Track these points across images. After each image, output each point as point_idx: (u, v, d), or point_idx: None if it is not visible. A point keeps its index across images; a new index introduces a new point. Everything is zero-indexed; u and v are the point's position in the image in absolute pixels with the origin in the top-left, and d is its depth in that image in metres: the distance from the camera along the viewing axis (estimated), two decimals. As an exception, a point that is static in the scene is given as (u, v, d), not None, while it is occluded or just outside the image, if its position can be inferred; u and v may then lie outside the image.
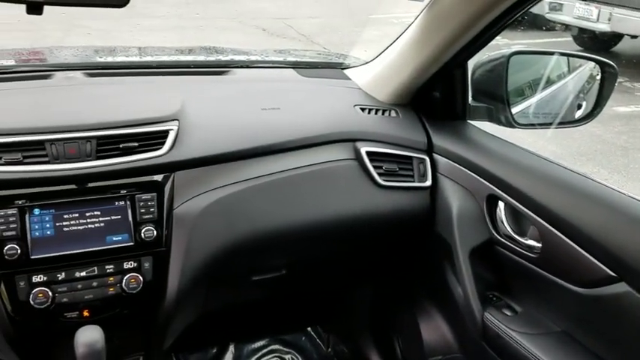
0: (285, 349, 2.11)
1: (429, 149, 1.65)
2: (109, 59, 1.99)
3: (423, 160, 1.63)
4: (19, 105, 1.45)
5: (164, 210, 1.38)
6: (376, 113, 1.69)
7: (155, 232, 1.36)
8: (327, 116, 1.63)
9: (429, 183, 1.62)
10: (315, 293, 2.05)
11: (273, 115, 1.58)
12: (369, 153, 1.58)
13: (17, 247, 1.26)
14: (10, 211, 1.27)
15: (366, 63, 1.83)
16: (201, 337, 1.91)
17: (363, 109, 1.68)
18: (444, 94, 1.68)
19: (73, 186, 1.33)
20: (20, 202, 1.28)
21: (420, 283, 1.82)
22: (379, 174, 1.58)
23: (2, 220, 1.26)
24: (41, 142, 1.30)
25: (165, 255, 1.39)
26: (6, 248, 1.25)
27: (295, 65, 1.89)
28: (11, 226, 1.26)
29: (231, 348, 2.07)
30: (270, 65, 1.94)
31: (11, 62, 1.84)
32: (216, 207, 1.42)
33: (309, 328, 2.17)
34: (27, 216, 1.28)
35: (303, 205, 1.52)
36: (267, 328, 2.11)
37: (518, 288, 1.50)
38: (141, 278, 1.36)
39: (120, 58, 2.03)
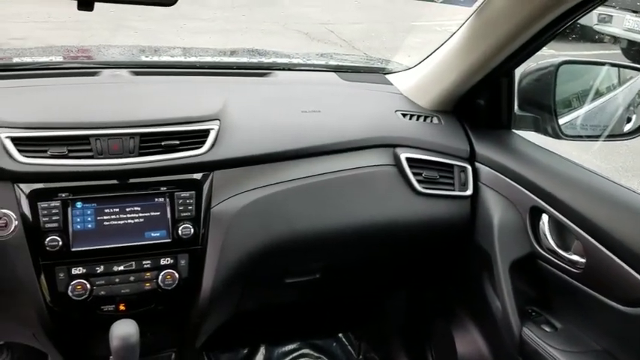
0: (315, 353, 2.10)
1: (471, 158, 1.62)
2: (155, 59, 2.03)
3: (464, 169, 1.60)
4: (67, 100, 1.48)
5: (202, 208, 1.39)
6: (418, 119, 1.67)
7: (192, 230, 1.37)
8: (368, 120, 1.62)
9: (469, 192, 1.59)
10: (348, 298, 2.04)
11: (313, 118, 1.57)
12: (408, 159, 1.56)
13: (59, 238, 1.29)
14: (54, 204, 1.30)
15: (409, 68, 1.81)
16: (233, 337, 1.92)
17: (404, 115, 1.66)
18: (488, 102, 1.65)
19: (114, 181, 1.35)
20: (64, 195, 1.31)
21: (455, 293, 1.79)
22: (418, 181, 1.55)
23: (45, 212, 1.29)
24: (86, 137, 1.33)
25: (201, 253, 1.39)
26: (48, 240, 1.28)
27: (337, 69, 1.88)
28: (54, 218, 1.29)
29: (262, 349, 2.08)
30: (312, 68, 1.94)
31: (61, 59, 1.89)
32: (254, 207, 1.42)
33: (340, 334, 2.15)
34: (69, 209, 1.31)
35: (340, 209, 1.51)
36: (298, 331, 2.10)
37: (559, 304, 1.46)
38: (177, 275, 1.37)
39: (165, 58, 2.06)
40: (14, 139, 1.29)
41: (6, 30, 6.66)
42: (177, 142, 1.39)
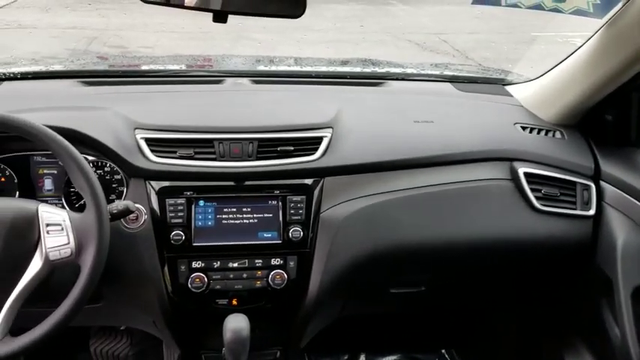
0: (416, 368, 2.07)
1: (596, 176, 1.52)
2: (273, 68, 2.12)
3: (587, 187, 1.51)
4: (195, 105, 1.59)
5: (312, 213, 1.43)
6: (538, 133, 1.60)
7: (302, 233, 1.41)
8: (484, 132, 1.58)
9: (592, 212, 1.49)
10: (453, 314, 1.98)
11: (426, 128, 1.56)
12: (527, 174, 1.49)
13: (182, 233, 1.38)
14: (180, 201, 1.39)
15: (531, 80, 1.74)
16: (335, 341, 1.94)
17: (524, 128, 1.60)
18: (617, 117, 1.55)
19: (233, 183, 1.43)
20: (189, 194, 1.40)
21: (569, 316, 1.69)
22: (537, 197, 1.48)
23: (172, 209, 1.39)
24: (211, 141, 1.42)
25: (309, 256, 1.43)
26: (173, 234, 1.37)
27: (452, 79, 1.86)
28: (179, 214, 1.39)
29: (363, 358, 2.08)
30: (426, 78, 1.92)
31: (188, 67, 2.03)
32: (362, 215, 1.43)
33: (443, 350, 2.10)
34: (193, 206, 1.40)
35: (450, 222, 1.48)
36: (400, 343, 2.08)
37: None
38: (285, 275, 1.42)
39: (282, 67, 2.15)
40: (148, 140, 1.40)
41: (136, 39, 7.26)
42: (292, 148, 1.44)
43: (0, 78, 1.65)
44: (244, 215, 1.43)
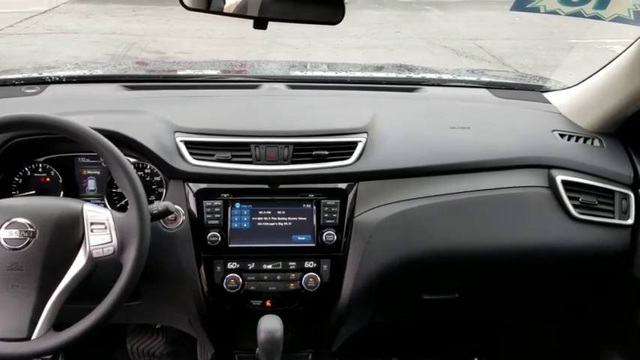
0: (448, 375, 2.05)
1: (635, 184, 1.49)
2: (308, 73, 2.14)
3: (626, 196, 1.48)
4: (232, 110, 1.62)
5: (345, 217, 1.44)
6: (577, 140, 1.58)
7: (335, 237, 1.42)
8: (521, 139, 1.56)
9: (631, 221, 1.47)
10: (487, 322, 1.96)
11: (462, 134, 1.55)
12: (565, 182, 1.48)
13: (218, 235, 1.41)
14: (216, 203, 1.42)
15: (569, 87, 1.72)
16: (367, 346, 1.94)
17: (562, 135, 1.58)
18: None
19: (269, 186, 1.45)
20: (225, 196, 1.43)
21: (607, 329, 1.65)
22: (574, 206, 1.46)
23: (209, 210, 1.42)
24: (248, 144, 1.45)
25: (343, 260, 1.44)
26: (209, 235, 1.40)
27: (489, 85, 1.84)
28: (216, 215, 1.42)
29: (394, 363, 2.07)
30: (463, 84, 1.91)
31: (225, 72, 2.07)
32: (396, 220, 1.44)
33: (475, 358, 2.08)
34: (229, 208, 1.43)
35: (486, 229, 1.47)
36: (432, 350, 2.07)
37: None
38: (319, 278, 1.43)
39: (317, 73, 2.17)
40: (187, 143, 1.44)
41: (173, 44, 7.41)
42: (327, 153, 1.45)
43: (46, 81, 1.72)
44: (279, 218, 1.45)
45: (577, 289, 1.68)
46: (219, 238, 1.41)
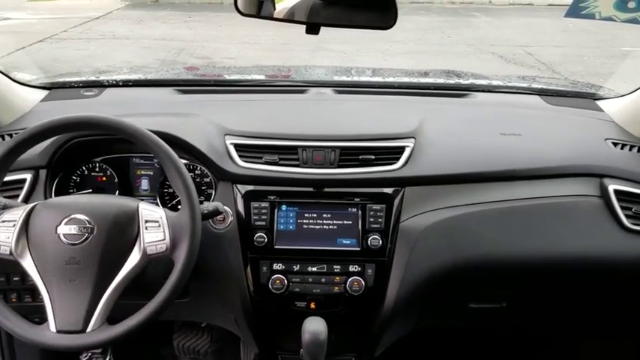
0: (492, 385, 2.01)
1: None
2: (355, 78, 2.15)
3: None
4: (280, 114, 1.65)
5: (391, 222, 1.44)
6: (630, 149, 1.53)
7: (380, 242, 1.42)
8: (573, 147, 1.53)
9: None
10: (534, 333, 1.92)
11: (512, 141, 1.53)
12: (617, 192, 1.43)
13: (265, 236, 1.43)
14: (264, 204, 1.45)
15: (622, 95, 1.67)
16: (410, 352, 1.93)
17: (615, 144, 1.54)
18: None
19: (315, 189, 1.46)
20: (272, 198, 1.45)
21: None
22: (627, 216, 1.42)
23: (256, 211, 1.44)
24: (295, 148, 1.46)
25: (388, 265, 1.44)
26: (256, 236, 1.43)
27: (541, 92, 1.81)
28: (263, 217, 1.44)
29: (436, 371, 2.05)
30: (514, 91, 1.89)
31: (272, 77, 2.11)
32: (442, 226, 1.43)
33: None
34: (276, 210, 1.45)
35: (534, 238, 1.44)
36: (477, 358, 2.03)
37: None
38: (363, 283, 1.43)
39: (364, 78, 2.18)
40: (237, 146, 1.47)
41: (220, 50, 7.56)
42: (373, 157, 1.46)
43: (104, 85, 1.79)
44: (324, 221, 1.46)
45: (629, 304, 1.62)
46: (266, 239, 1.43)
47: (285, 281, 1.43)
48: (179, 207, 1.49)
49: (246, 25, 8.31)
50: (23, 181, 1.42)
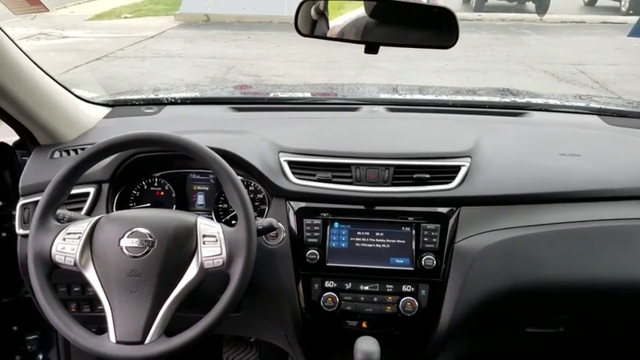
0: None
1: None
2: (407, 96, 2.15)
3: None
4: (333, 131, 1.66)
5: (446, 242, 1.42)
6: None
7: (435, 262, 1.40)
8: (636, 169, 1.48)
9: None
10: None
11: (572, 162, 1.49)
12: None
13: (317, 253, 1.43)
14: (316, 221, 1.45)
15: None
16: None
17: None
18: None
19: (368, 207, 1.46)
20: (325, 215, 1.45)
21: None
22: None
23: (309, 228, 1.45)
24: (348, 165, 1.47)
25: (442, 286, 1.41)
26: (308, 253, 1.43)
27: (600, 112, 1.76)
28: (315, 234, 1.44)
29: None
30: (572, 110, 1.84)
31: (324, 95, 2.12)
32: (500, 248, 1.40)
33: None
34: (328, 228, 1.45)
35: (594, 262, 1.40)
36: None
37: None
38: (416, 303, 1.41)
39: (417, 96, 2.17)
40: (290, 163, 1.49)
41: (269, 68, 7.67)
42: (428, 176, 1.44)
43: (163, 102, 1.84)
44: (377, 239, 1.45)
45: None
46: (318, 257, 1.43)
47: (337, 299, 1.43)
48: (233, 222, 1.51)
49: (295, 44, 8.42)
50: (87, 194, 1.47)
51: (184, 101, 1.89)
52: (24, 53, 1.38)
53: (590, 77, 6.99)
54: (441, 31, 1.19)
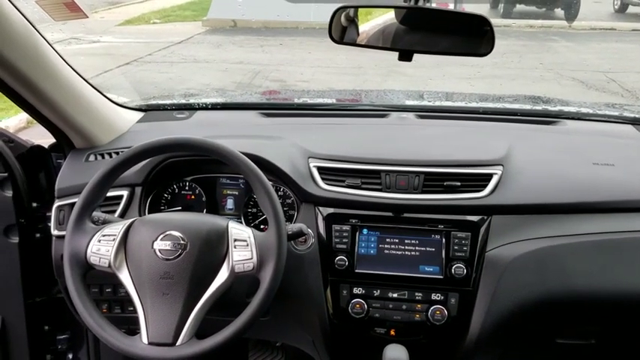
0: None
1: None
2: (437, 103, 2.13)
3: None
4: (362, 137, 1.66)
5: (476, 251, 1.40)
6: None
7: (465, 271, 1.39)
8: None
9: None
10: None
11: (605, 171, 1.47)
12: None
13: (346, 259, 1.43)
14: (345, 228, 1.45)
15: None
16: None
17: None
18: None
19: (397, 214, 1.45)
20: (354, 221, 1.45)
21: None
22: None
23: (337, 234, 1.45)
24: (378, 172, 1.47)
25: (472, 295, 1.40)
26: (337, 259, 1.43)
27: (634, 121, 1.73)
28: (344, 240, 1.45)
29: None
30: (605, 119, 1.81)
31: (352, 101, 2.12)
32: (531, 258, 1.38)
33: None
34: (357, 234, 1.45)
35: (628, 273, 1.37)
36: None
37: None
38: (446, 312, 1.40)
39: (447, 103, 2.16)
40: (320, 169, 1.49)
41: (294, 73, 7.70)
42: (459, 184, 1.43)
43: (194, 107, 1.87)
44: (406, 247, 1.44)
45: None
46: (346, 263, 1.43)
47: (365, 306, 1.43)
48: (262, 227, 1.52)
49: (321, 49, 8.44)
50: (120, 197, 1.50)
51: (215, 106, 1.91)
52: (62, 59, 1.41)
53: (620, 85, 6.87)
54: (476, 38, 1.18)
